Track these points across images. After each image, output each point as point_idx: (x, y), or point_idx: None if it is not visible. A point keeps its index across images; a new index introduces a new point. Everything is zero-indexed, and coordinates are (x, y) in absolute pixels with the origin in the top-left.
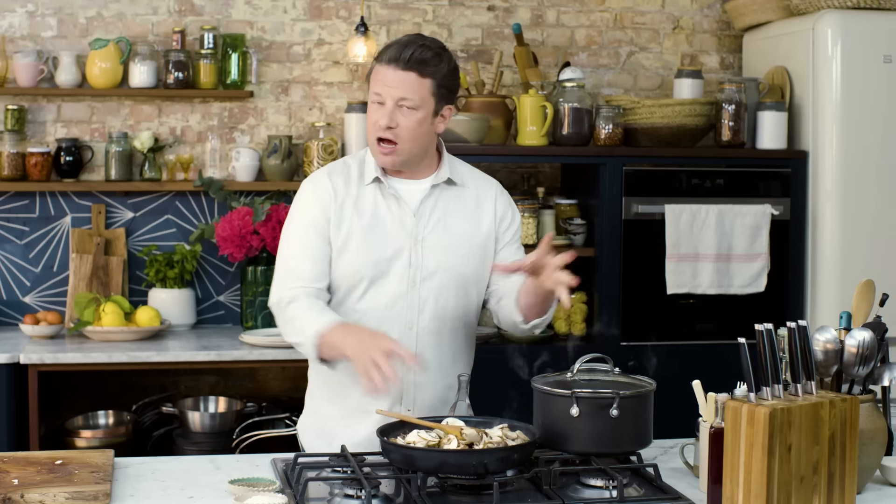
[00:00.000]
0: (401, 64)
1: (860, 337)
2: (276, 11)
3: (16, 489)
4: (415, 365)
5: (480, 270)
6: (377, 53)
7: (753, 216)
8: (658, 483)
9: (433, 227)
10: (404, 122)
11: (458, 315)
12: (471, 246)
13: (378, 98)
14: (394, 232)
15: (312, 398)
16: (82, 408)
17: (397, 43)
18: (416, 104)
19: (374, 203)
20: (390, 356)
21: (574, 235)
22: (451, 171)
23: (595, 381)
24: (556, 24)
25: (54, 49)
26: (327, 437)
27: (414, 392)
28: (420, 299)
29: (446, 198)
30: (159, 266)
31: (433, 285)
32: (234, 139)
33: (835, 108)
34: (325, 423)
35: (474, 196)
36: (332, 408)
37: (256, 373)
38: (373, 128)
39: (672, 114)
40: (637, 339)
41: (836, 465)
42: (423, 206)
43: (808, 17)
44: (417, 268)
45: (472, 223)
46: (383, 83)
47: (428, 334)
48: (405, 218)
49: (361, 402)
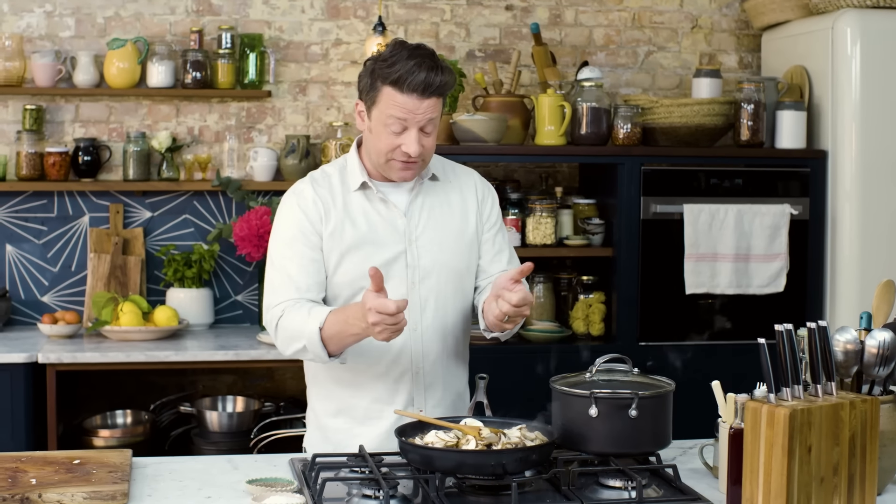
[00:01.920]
0: (427, 93)
1: (880, 337)
2: (293, 11)
3: (34, 489)
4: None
5: (472, 264)
6: (382, 73)
7: (772, 216)
8: (677, 484)
9: (424, 226)
10: (428, 142)
11: (457, 310)
12: (461, 241)
13: (401, 125)
14: (387, 235)
15: (316, 415)
16: (100, 407)
17: (410, 67)
18: (436, 123)
19: (363, 209)
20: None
21: (592, 235)
22: (433, 167)
23: (614, 382)
24: (574, 23)
25: (72, 49)
26: (336, 450)
27: (424, 393)
28: (421, 299)
29: (432, 195)
30: (177, 266)
31: (431, 284)
32: (251, 139)
33: (854, 108)
34: (331, 437)
35: (457, 189)
36: (338, 421)
37: (274, 372)
38: (391, 151)
39: (690, 113)
40: (656, 339)
41: (857, 467)
42: (412, 206)
43: (827, 17)
44: (415, 268)
45: (460, 217)
46: (409, 111)
47: (432, 333)
48: (396, 220)
49: (370, 410)
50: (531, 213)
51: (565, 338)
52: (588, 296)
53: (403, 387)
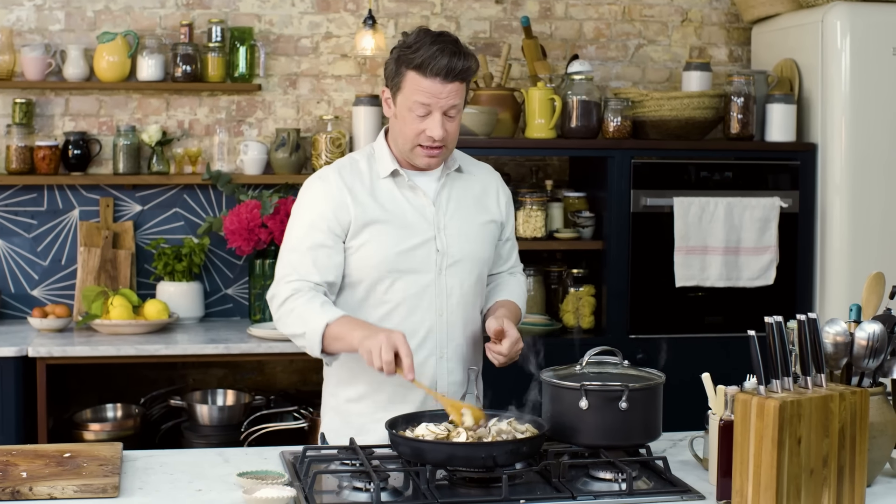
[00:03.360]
0: (449, 77)
1: (870, 329)
2: (283, 4)
3: (24, 482)
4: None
5: (491, 256)
6: (406, 59)
7: (762, 209)
8: (667, 476)
9: (452, 215)
10: (451, 127)
11: (477, 300)
12: (484, 232)
13: (425, 109)
14: (416, 221)
15: (336, 399)
16: (90, 401)
17: (433, 52)
18: (460, 109)
19: (392, 195)
20: (397, 350)
21: (582, 228)
22: (458, 159)
23: (604, 374)
24: (564, 16)
25: (62, 42)
26: (359, 435)
27: (447, 377)
28: (447, 286)
29: (458, 186)
30: (167, 259)
31: (457, 271)
32: (241, 132)
33: (844, 101)
34: (353, 421)
35: (480, 184)
36: (361, 405)
37: (264, 366)
38: (416, 136)
39: (680, 106)
40: (646, 331)
41: (846, 458)
42: (440, 196)
43: (817, 10)
44: (444, 255)
45: (482, 210)
46: (432, 95)
47: (456, 319)
48: (426, 207)
49: (396, 394)
50: (521, 207)
51: (555, 330)
52: (578, 289)
53: (428, 370)
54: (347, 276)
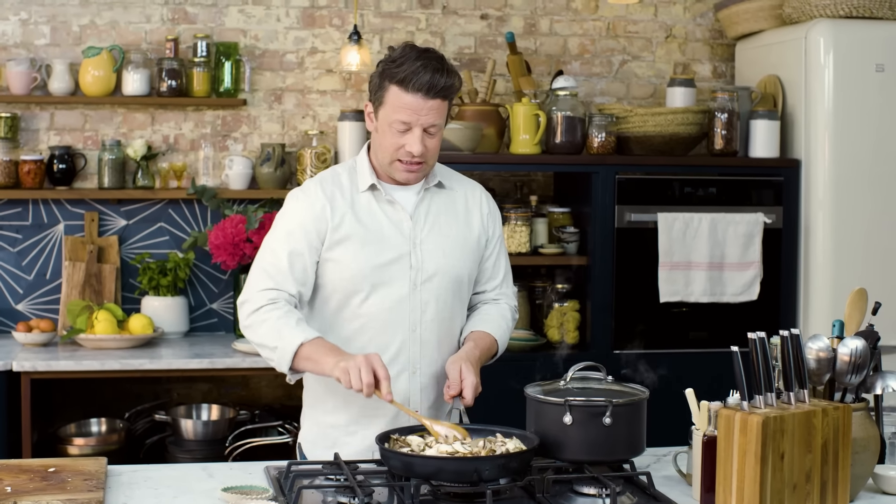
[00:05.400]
0: (431, 93)
1: (853, 345)
2: (269, 20)
3: (9, 496)
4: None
5: (473, 272)
6: (389, 73)
7: (746, 224)
8: (651, 491)
9: (429, 230)
10: (431, 143)
11: (455, 316)
12: (464, 248)
13: (405, 126)
14: (393, 236)
15: (313, 410)
16: (75, 415)
17: (416, 67)
18: (441, 126)
19: (370, 209)
20: (373, 373)
21: (567, 244)
22: (439, 174)
23: (588, 390)
24: (549, 32)
25: (47, 57)
26: (333, 447)
27: (420, 393)
28: (422, 302)
29: (438, 201)
30: (152, 274)
31: (432, 287)
32: (227, 147)
33: (827, 117)
34: (329, 433)
35: (463, 199)
36: (337, 416)
37: (249, 380)
38: (396, 151)
39: (665, 122)
40: (630, 347)
41: (829, 473)
42: (418, 210)
43: (800, 26)
44: (418, 270)
45: (464, 225)
46: (413, 112)
47: (430, 335)
48: (403, 222)
49: (367, 408)
50: (506, 222)
51: (540, 346)
52: (563, 304)
53: (400, 386)
54: (322, 287)
